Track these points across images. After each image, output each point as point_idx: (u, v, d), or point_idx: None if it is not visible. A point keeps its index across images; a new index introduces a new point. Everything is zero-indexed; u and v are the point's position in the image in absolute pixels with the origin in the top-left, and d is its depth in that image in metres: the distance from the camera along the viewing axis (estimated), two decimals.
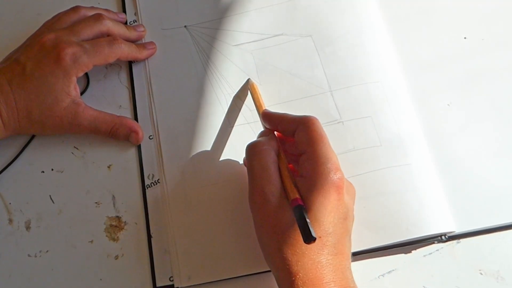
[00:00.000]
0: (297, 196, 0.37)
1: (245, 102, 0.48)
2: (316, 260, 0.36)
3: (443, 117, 0.47)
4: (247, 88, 0.49)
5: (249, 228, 0.42)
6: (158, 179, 0.47)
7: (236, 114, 0.48)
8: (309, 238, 0.34)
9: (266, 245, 0.38)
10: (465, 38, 0.50)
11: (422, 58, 0.49)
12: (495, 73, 0.48)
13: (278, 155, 0.40)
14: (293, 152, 0.41)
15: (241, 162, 0.46)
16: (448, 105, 0.47)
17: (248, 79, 0.49)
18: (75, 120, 0.46)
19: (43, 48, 0.45)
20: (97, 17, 0.48)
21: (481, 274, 0.42)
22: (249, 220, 0.40)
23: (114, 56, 0.47)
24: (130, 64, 0.52)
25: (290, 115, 0.41)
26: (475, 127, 0.46)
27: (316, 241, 0.34)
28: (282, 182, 0.38)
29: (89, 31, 0.47)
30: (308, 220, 0.35)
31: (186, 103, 0.49)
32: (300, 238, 0.35)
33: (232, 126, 0.47)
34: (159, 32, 0.52)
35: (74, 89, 0.46)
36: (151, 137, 0.48)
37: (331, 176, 0.37)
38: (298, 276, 0.35)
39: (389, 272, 0.43)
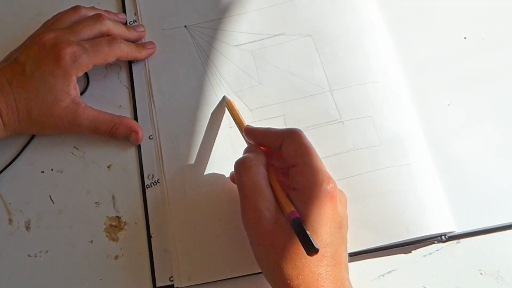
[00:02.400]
0: (293, 209, 0.36)
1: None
2: (316, 272, 0.35)
3: (443, 117, 0.47)
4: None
5: None
6: (158, 179, 0.47)
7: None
8: (311, 250, 0.34)
9: (264, 261, 0.37)
10: (465, 38, 0.50)
11: (422, 58, 0.49)
12: (495, 73, 0.48)
13: (267, 170, 0.40)
14: (279, 165, 0.41)
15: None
16: (448, 105, 0.47)
17: (224, 97, 0.48)
18: (75, 120, 0.46)
19: (43, 48, 0.45)
20: (97, 17, 0.48)
21: (481, 274, 0.42)
22: None
23: (114, 56, 0.47)
24: (130, 64, 0.52)
25: (274, 129, 0.41)
26: (475, 127, 0.46)
27: None
28: (275, 196, 0.38)
29: (89, 31, 0.47)
30: (308, 232, 0.34)
31: (186, 103, 0.49)
32: (299, 251, 0.35)
33: (232, 127, 0.47)
34: (159, 32, 0.52)
35: (74, 89, 0.46)
36: (151, 137, 0.48)
37: (324, 186, 0.37)
38: None
39: (389, 272, 0.43)
